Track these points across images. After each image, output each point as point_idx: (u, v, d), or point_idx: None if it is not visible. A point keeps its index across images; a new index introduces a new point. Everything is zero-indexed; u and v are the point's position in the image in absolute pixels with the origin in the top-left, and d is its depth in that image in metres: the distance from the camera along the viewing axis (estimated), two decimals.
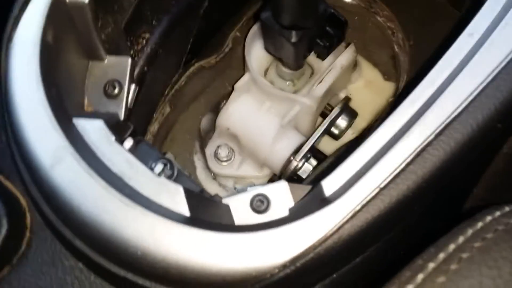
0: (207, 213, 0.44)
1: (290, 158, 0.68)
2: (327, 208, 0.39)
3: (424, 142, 0.40)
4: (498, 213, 0.34)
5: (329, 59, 0.69)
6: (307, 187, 0.48)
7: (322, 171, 0.63)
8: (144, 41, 0.56)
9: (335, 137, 0.73)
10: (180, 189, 0.43)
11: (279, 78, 0.71)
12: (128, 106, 0.52)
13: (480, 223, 0.34)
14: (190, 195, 0.43)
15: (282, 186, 0.47)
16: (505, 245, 0.31)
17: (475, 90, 0.41)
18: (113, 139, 0.44)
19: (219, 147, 0.72)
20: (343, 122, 0.72)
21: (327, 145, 0.76)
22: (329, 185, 0.41)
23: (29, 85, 0.44)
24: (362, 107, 0.76)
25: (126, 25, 0.54)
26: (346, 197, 0.39)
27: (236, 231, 0.40)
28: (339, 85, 0.72)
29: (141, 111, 0.59)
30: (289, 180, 0.51)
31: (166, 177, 0.43)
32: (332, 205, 0.39)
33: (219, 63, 0.75)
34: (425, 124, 0.40)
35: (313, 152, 0.70)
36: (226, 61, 0.76)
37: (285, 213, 0.46)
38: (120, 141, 0.45)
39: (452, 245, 0.32)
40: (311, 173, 0.68)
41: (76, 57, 0.49)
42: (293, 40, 0.55)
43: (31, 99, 0.43)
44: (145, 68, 0.56)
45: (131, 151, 0.44)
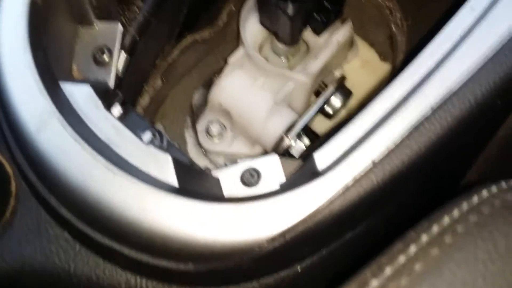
0: (196, 184, 0.43)
1: (282, 135, 0.67)
2: (318, 180, 0.38)
3: (421, 116, 0.39)
4: (495, 188, 0.34)
5: (325, 36, 0.67)
6: (298, 161, 0.47)
7: (314, 146, 0.62)
8: (136, 9, 0.54)
9: (329, 116, 0.72)
10: (168, 158, 0.42)
11: (273, 54, 0.70)
12: (117, 74, 0.50)
13: (476, 198, 0.33)
14: (179, 166, 0.42)
15: (273, 160, 0.46)
16: (501, 220, 0.31)
17: (475, 65, 0.40)
18: (101, 105, 0.43)
19: (210, 123, 0.71)
20: (338, 101, 0.71)
21: (320, 124, 0.76)
22: (321, 159, 0.40)
23: (16, 47, 0.42)
24: (357, 87, 0.75)
25: None
26: (338, 171, 0.38)
27: (224, 202, 0.39)
28: (334, 63, 0.71)
29: (131, 82, 0.58)
30: None
31: (155, 147, 0.42)
32: (323, 178, 0.38)
33: (213, 37, 0.74)
34: (423, 98, 0.39)
35: (306, 131, 0.69)
36: (220, 35, 0.74)
37: (276, 187, 0.45)
38: (108, 108, 0.44)
39: (447, 218, 0.31)
40: (303, 152, 0.67)
41: (65, 20, 0.48)
42: (290, 12, 0.53)
43: (18, 62, 0.42)
44: (137, 37, 0.54)
45: (119, 119, 0.43)
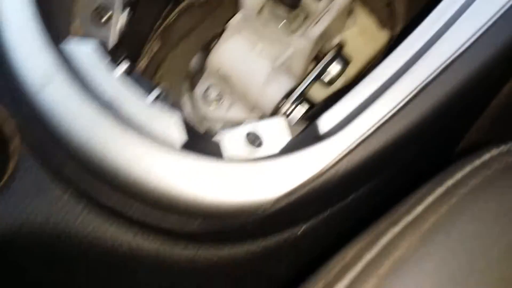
0: (200, 145, 0.43)
1: (281, 101, 0.67)
2: (323, 143, 0.39)
3: (426, 80, 0.39)
4: (496, 151, 0.34)
5: (324, 1, 0.67)
6: (301, 126, 0.47)
7: (315, 111, 0.63)
8: None
9: (326, 84, 0.72)
10: (174, 118, 0.41)
11: (273, 19, 0.69)
12: (118, 33, 0.49)
13: (477, 161, 0.34)
14: (184, 126, 0.42)
15: (277, 122, 0.46)
16: (505, 182, 0.31)
17: (481, 28, 0.40)
18: (105, 63, 0.42)
19: (209, 88, 0.71)
20: (336, 68, 0.71)
21: (318, 92, 0.76)
22: (325, 123, 0.40)
23: (19, 2, 0.41)
24: (355, 55, 0.75)
25: None
26: (343, 133, 0.39)
27: (230, 162, 0.40)
28: (333, 29, 0.71)
29: (131, 43, 0.57)
30: None
31: (160, 106, 0.42)
32: (328, 140, 0.39)
33: (210, 0, 0.73)
34: (428, 61, 0.39)
35: (303, 97, 0.69)
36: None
37: (278, 150, 0.45)
38: (111, 66, 0.43)
39: (450, 181, 0.32)
40: (302, 118, 0.67)
41: None
42: None
43: (21, 18, 0.41)
44: None
45: (123, 78, 0.43)
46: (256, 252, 0.45)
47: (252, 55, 0.67)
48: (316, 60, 0.72)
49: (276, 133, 0.46)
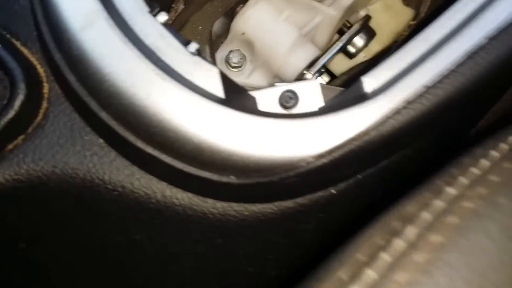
0: (236, 99, 0.43)
1: (304, 70, 0.67)
2: (370, 101, 0.38)
3: (476, 45, 0.39)
4: None
5: None
6: (338, 88, 0.47)
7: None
8: None
9: (350, 56, 0.72)
10: (215, 70, 0.41)
11: None
12: None
13: (504, 145, 0.33)
14: (224, 78, 0.41)
15: (313, 84, 0.46)
16: None
17: None
18: (147, 9, 0.41)
19: (231, 52, 0.70)
20: (361, 40, 0.70)
21: (338, 64, 0.75)
22: (370, 81, 0.40)
23: None
24: (378, 30, 0.74)
25: None
26: (390, 92, 0.38)
27: (274, 117, 0.39)
28: (360, 1, 0.70)
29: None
30: None
31: (201, 58, 0.41)
32: (375, 99, 0.38)
33: None
34: (479, 27, 0.39)
35: (325, 68, 0.69)
36: None
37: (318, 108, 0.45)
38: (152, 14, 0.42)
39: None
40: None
41: None
42: None
43: None
44: None
45: (165, 26, 0.42)
46: (285, 211, 0.44)
47: (278, 21, 0.66)
48: (340, 31, 0.71)
49: (311, 95, 0.46)
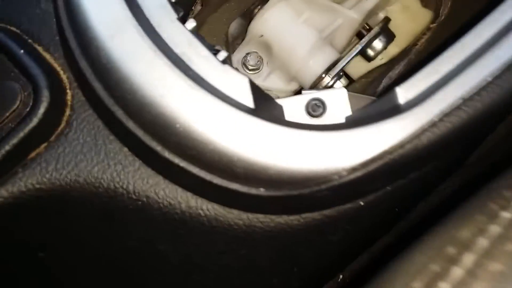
0: (267, 110, 0.42)
1: (322, 74, 0.66)
2: (405, 113, 0.37)
3: None
4: None
5: None
6: (366, 97, 0.46)
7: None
8: None
9: (368, 59, 0.71)
10: (245, 79, 0.40)
11: None
12: None
13: None
14: (253, 88, 0.40)
15: (340, 92, 0.45)
16: None
17: None
18: (175, 16, 0.40)
19: (248, 54, 0.69)
20: (380, 43, 0.69)
21: (355, 68, 0.74)
22: (405, 92, 0.39)
23: None
24: (395, 32, 0.73)
25: None
26: (426, 104, 0.37)
27: (307, 128, 0.38)
28: (380, 3, 0.69)
29: (183, 2, 0.55)
30: None
31: (231, 67, 0.40)
32: (411, 111, 0.37)
33: None
34: None
35: (343, 71, 0.68)
36: None
37: (342, 120, 0.44)
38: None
39: None
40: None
41: None
42: None
43: None
44: None
45: (193, 34, 0.41)
46: (312, 222, 0.44)
47: (297, 23, 0.65)
48: (359, 34, 0.70)
49: (339, 103, 0.45)
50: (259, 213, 0.43)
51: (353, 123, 0.39)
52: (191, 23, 0.41)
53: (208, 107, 0.38)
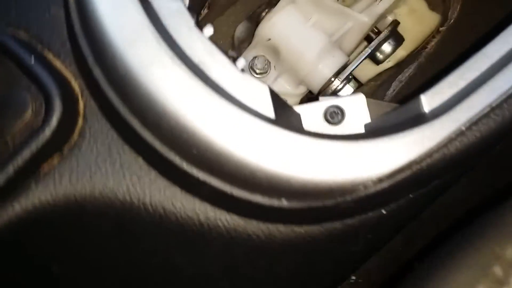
0: (286, 119, 0.41)
1: (331, 78, 0.65)
2: (432, 122, 0.37)
3: None
4: None
5: None
6: (385, 103, 0.45)
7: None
8: None
9: (377, 62, 0.70)
10: (265, 88, 0.39)
11: None
12: None
13: None
14: (273, 97, 0.39)
15: (358, 99, 0.44)
16: None
17: None
18: (192, 24, 0.39)
19: (255, 58, 0.68)
20: (389, 47, 0.68)
21: (364, 71, 0.73)
22: (430, 100, 0.38)
23: None
24: (403, 35, 0.73)
25: None
26: (453, 113, 0.37)
27: (331, 139, 0.37)
28: (391, 6, 0.68)
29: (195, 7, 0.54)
30: None
31: (250, 75, 0.39)
32: (438, 119, 0.36)
33: None
34: None
35: (351, 75, 0.67)
36: None
37: (361, 128, 0.43)
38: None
39: None
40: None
41: None
42: None
43: None
44: None
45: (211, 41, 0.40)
46: (333, 232, 0.43)
47: (306, 27, 0.64)
48: (368, 37, 0.69)
49: (358, 110, 0.44)
50: (279, 223, 0.42)
51: (376, 131, 0.38)
52: (209, 30, 0.40)
53: (229, 118, 0.37)
